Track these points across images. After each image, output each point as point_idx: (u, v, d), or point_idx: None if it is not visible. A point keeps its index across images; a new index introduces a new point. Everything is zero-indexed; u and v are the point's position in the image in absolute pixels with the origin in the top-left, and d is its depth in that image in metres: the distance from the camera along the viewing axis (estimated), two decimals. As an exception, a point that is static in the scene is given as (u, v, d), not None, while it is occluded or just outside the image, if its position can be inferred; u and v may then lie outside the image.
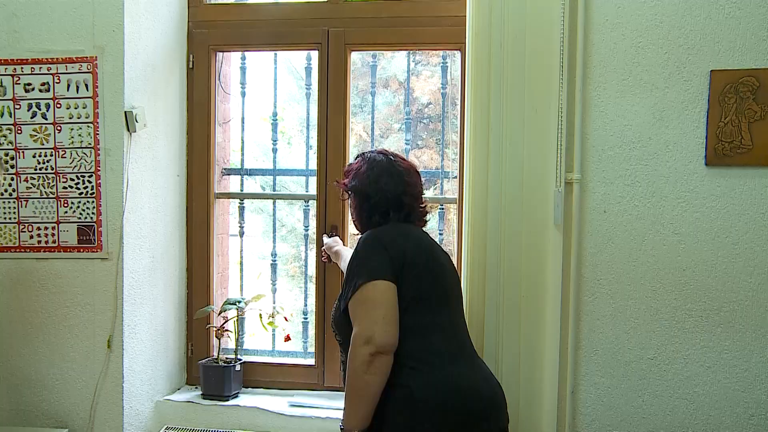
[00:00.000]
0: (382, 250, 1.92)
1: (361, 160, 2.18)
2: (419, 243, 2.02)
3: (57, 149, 2.54)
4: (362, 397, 1.85)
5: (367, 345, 1.80)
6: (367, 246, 1.97)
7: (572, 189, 2.38)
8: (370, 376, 1.82)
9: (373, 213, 2.10)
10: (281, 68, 3.04)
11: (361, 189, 2.12)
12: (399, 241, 1.96)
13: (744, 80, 2.28)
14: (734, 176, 2.32)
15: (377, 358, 1.81)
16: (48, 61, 2.51)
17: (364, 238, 2.01)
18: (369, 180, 2.11)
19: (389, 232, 2.01)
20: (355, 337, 1.84)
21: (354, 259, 1.96)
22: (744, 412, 2.35)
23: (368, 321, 1.83)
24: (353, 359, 1.83)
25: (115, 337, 2.53)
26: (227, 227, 3.08)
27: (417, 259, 1.95)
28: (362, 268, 1.91)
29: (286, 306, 2.91)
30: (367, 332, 1.81)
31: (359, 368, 1.82)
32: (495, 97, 2.38)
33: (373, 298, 1.86)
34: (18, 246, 2.57)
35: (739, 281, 2.33)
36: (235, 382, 2.77)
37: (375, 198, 2.09)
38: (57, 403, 2.58)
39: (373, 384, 1.83)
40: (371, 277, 1.87)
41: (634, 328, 2.39)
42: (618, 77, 2.37)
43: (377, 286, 1.86)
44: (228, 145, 3.08)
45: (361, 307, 1.87)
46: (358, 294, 1.88)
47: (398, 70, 4.08)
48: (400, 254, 1.92)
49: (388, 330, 1.83)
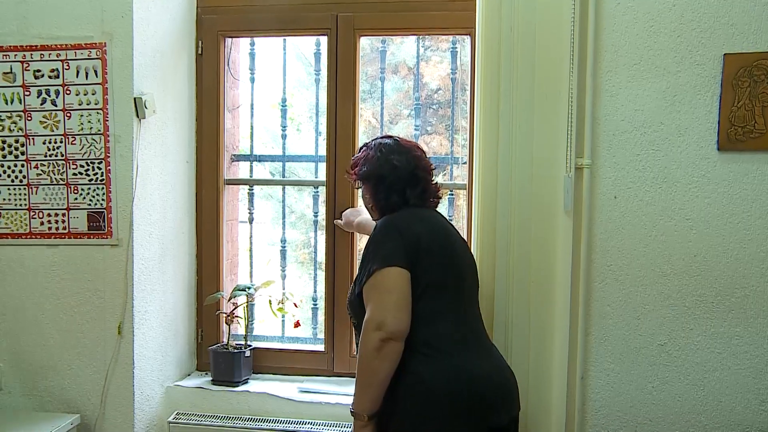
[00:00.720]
0: (397, 235, 1.93)
1: (367, 148, 2.18)
2: (435, 229, 2.02)
3: (67, 136, 2.54)
4: (371, 381, 1.86)
5: (378, 330, 1.81)
6: (383, 231, 1.97)
7: (582, 175, 2.36)
8: (379, 361, 1.83)
9: (390, 193, 2.09)
10: (290, 54, 3.03)
11: (374, 172, 2.11)
12: (415, 227, 1.96)
13: (758, 63, 2.25)
14: (747, 161, 2.29)
15: (387, 344, 1.81)
16: (57, 48, 2.51)
17: (380, 223, 2.01)
18: (380, 161, 2.11)
19: (405, 218, 2.01)
20: (366, 321, 1.85)
21: (370, 245, 1.97)
22: (755, 398, 2.33)
23: (380, 307, 1.84)
24: (364, 344, 1.84)
25: (125, 324, 2.54)
26: (237, 213, 3.08)
27: (432, 246, 1.95)
28: (377, 254, 1.91)
29: (295, 292, 2.91)
30: (378, 318, 1.82)
31: (369, 353, 1.83)
32: (505, 82, 2.36)
33: (385, 284, 1.87)
34: (29, 233, 2.58)
35: (751, 267, 2.31)
36: (245, 368, 2.78)
37: (390, 177, 2.08)
38: (68, 389, 2.60)
39: (382, 369, 1.84)
40: (385, 263, 1.87)
41: (644, 315, 2.38)
42: (629, 62, 2.35)
43: (390, 272, 1.87)
44: (237, 131, 3.08)
45: (373, 293, 1.88)
46: (372, 279, 1.88)
47: (407, 56, 4.05)
48: (415, 240, 1.92)
49: (400, 316, 1.84)
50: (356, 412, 1.92)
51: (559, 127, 2.33)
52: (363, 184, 2.17)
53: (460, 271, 2.03)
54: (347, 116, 2.77)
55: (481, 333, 2.05)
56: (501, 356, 2.06)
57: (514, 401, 1.99)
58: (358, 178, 2.17)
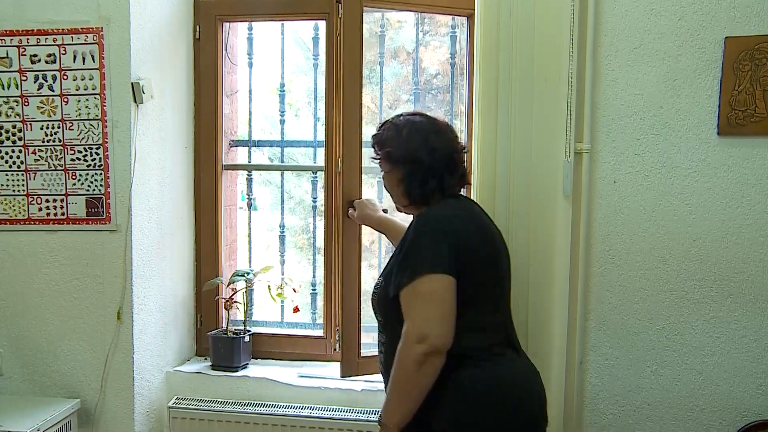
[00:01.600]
0: (442, 236, 1.77)
1: (395, 126, 1.99)
2: (480, 227, 1.88)
3: (64, 121, 2.53)
4: (409, 395, 1.73)
5: (421, 344, 1.67)
6: (426, 229, 1.80)
7: (582, 159, 2.36)
8: (420, 375, 1.70)
9: (427, 179, 1.91)
10: (288, 39, 3.01)
11: (409, 155, 1.92)
12: (460, 226, 1.82)
13: (760, 47, 2.23)
14: (747, 145, 2.29)
15: (430, 358, 1.68)
16: (53, 32, 2.50)
17: (422, 219, 1.83)
18: (416, 142, 1.92)
19: (448, 215, 1.85)
20: (407, 333, 1.71)
21: (411, 243, 1.79)
22: (752, 382, 2.34)
23: (424, 318, 1.70)
24: (404, 356, 1.71)
25: (124, 309, 2.54)
26: (235, 199, 3.08)
27: (478, 249, 1.82)
28: (420, 256, 1.75)
29: (294, 277, 2.91)
30: (421, 330, 1.68)
31: (410, 366, 1.69)
32: (504, 66, 2.35)
33: (431, 293, 1.71)
34: (27, 218, 2.58)
35: (750, 252, 2.31)
36: (245, 353, 2.78)
37: (428, 161, 1.91)
38: (68, 374, 2.60)
39: (422, 384, 1.71)
40: (431, 269, 1.72)
41: (643, 299, 2.39)
42: (629, 45, 2.34)
43: (437, 280, 1.72)
44: (235, 116, 3.07)
45: (417, 301, 1.72)
46: (416, 285, 1.72)
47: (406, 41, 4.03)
48: (462, 242, 1.77)
49: (445, 330, 1.70)
50: (386, 423, 1.79)
51: (558, 111, 2.32)
52: (392, 168, 1.97)
53: (503, 272, 1.92)
54: (353, 95, 2.52)
55: (515, 337, 1.95)
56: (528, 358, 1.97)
57: (545, 406, 1.91)
58: (387, 161, 1.98)
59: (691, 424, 2.39)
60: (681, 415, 2.39)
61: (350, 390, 2.59)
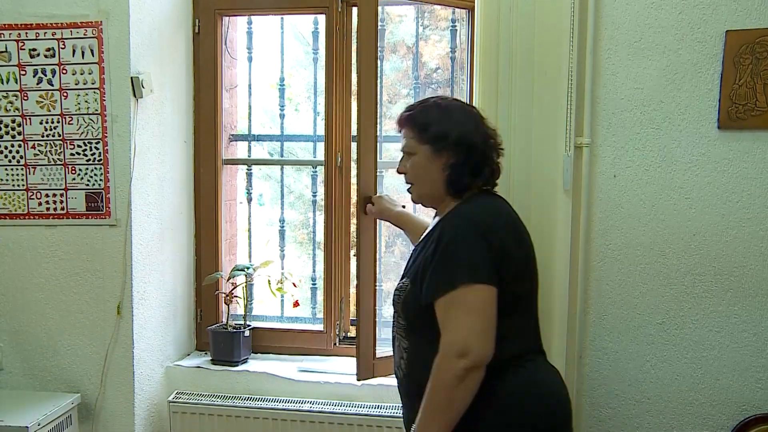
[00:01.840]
0: (482, 240, 1.64)
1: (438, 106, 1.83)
2: (515, 230, 1.77)
3: (64, 116, 2.52)
4: (448, 412, 1.62)
5: (462, 358, 1.57)
6: (465, 232, 1.67)
7: (582, 153, 2.35)
8: (460, 391, 1.60)
9: (481, 168, 1.79)
10: (288, 34, 3.01)
11: (465, 138, 1.76)
12: (499, 229, 1.69)
13: (761, 40, 2.22)
14: (747, 139, 2.28)
15: (471, 374, 1.59)
16: (52, 26, 2.49)
17: (459, 220, 1.71)
18: (471, 126, 1.78)
19: (486, 215, 1.72)
20: (447, 346, 1.61)
21: (448, 246, 1.66)
22: (752, 377, 2.34)
23: (465, 331, 1.59)
24: (443, 371, 1.60)
25: (124, 304, 2.54)
26: (235, 194, 3.08)
27: (515, 254, 1.70)
28: (460, 263, 1.64)
29: (294, 272, 2.91)
30: (463, 344, 1.58)
31: (450, 382, 1.59)
32: (504, 60, 2.34)
33: (473, 304, 1.61)
34: (27, 213, 2.58)
35: (750, 246, 2.31)
36: (245, 348, 2.79)
37: (483, 147, 1.78)
38: (69, 369, 2.61)
39: (462, 399, 1.61)
40: (474, 279, 1.61)
41: (642, 293, 2.38)
42: (629, 39, 2.33)
43: (480, 290, 1.61)
44: (235, 111, 3.06)
45: (457, 312, 1.61)
46: (455, 296, 1.61)
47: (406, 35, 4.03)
48: (501, 248, 1.66)
49: (487, 343, 1.60)
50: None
51: (558, 105, 2.31)
52: (436, 152, 1.79)
53: (535, 278, 1.82)
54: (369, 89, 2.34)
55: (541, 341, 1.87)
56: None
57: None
58: (432, 143, 1.78)
59: (690, 418, 2.39)
60: (680, 409, 2.39)
61: (350, 384, 2.59)
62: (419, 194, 1.88)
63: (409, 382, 1.81)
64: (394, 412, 2.47)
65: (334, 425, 2.50)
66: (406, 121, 1.85)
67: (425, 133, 1.79)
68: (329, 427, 2.50)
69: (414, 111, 1.85)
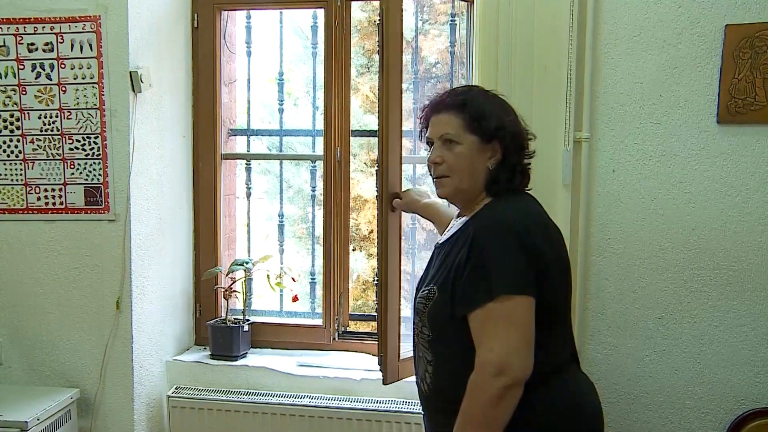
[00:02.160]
0: (519, 247, 1.53)
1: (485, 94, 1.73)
2: (551, 234, 1.66)
3: (62, 110, 2.52)
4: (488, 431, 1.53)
5: (502, 376, 1.47)
6: (501, 238, 1.55)
7: (581, 148, 2.35)
8: (500, 411, 1.50)
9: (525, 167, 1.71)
10: (287, 28, 3.00)
11: (519, 135, 1.68)
12: (536, 235, 1.58)
13: (761, 34, 2.22)
14: (746, 134, 2.28)
15: (511, 391, 1.49)
16: (51, 21, 2.48)
17: (494, 224, 1.59)
18: (520, 122, 1.70)
19: (522, 219, 1.60)
20: (485, 365, 1.50)
21: (483, 253, 1.55)
22: (750, 371, 2.35)
23: (505, 347, 1.49)
24: (481, 390, 1.50)
25: (123, 299, 2.54)
26: (234, 188, 3.08)
27: (552, 260, 1.60)
28: (499, 272, 1.52)
29: (293, 267, 2.91)
30: (503, 361, 1.48)
31: (489, 402, 1.49)
32: (503, 54, 2.34)
33: (513, 317, 1.50)
34: (26, 208, 2.57)
35: (749, 240, 2.31)
36: (244, 343, 2.79)
37: (525, 144, 1.70)
38: (68, 363, 2.61)
39: (502, 418, 1.50)
40: (513, 289, 1.51)
41: (642, 288, 2.39)
42: (629, 34, 2.33)
43: (519, 303, 1.51)
44: (234, 105, 3.06)
45: (495, 326, 1.51)
46: (493, 308, 1.51)
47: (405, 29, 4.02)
48: (539, 254, 1.55)
49: (527, 359, 1.51)
50: None
51: (557, 100, 2.31)
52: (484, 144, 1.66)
53: (570, 282, 1.72)
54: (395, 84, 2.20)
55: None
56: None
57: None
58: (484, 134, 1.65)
59: (689, 413, 2.40)
60: (679, 403, 2.40)
61: (349, 379, 2.60)
62: (455, 188, 1.70)
63: (435, 397, 1.70)
64: (394, 407, 2.47)
65: (333, 420, 2.51)
66: (452, 106, 1.69)
67: (479, 122, 1.65)
68: (328, 421, 2.51)
69: (463, 96, 1.70)
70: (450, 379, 1.63)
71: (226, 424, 2.58)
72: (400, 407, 2.47)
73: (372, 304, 4.63)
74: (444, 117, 1.70)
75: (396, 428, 2.45)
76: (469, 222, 1.68)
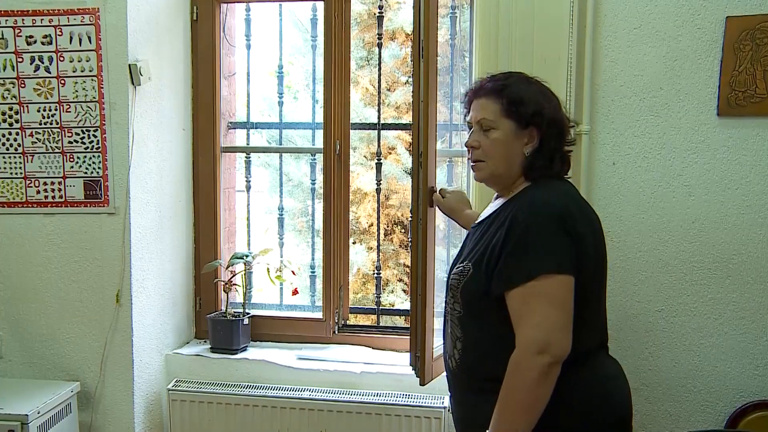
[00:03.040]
0: (560, 228, 1.55)
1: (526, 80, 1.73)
2: (589, 218, 1.67)
3: (61, 103, 2.51)
4: (532, 411, 1.52)
5: (544, 354, 1.49)
6: (542, 219, 1.57)
7: (581, 141, 2.35)
8: (544, 388, 1.51)
9: (564, 154, 1.71)
10: (286, 20, 3.00)
11: (558, 119, 1.68)
12: (575, 217, 1.59)
13: (762, 26, 2.22)
14: (747, 126, 2.28)
15: (553, 369, 1.51)
16: (49, 13, 2.48)
17: (536, 206, 1.60)
18: (559, 108, 1.70)
19: (563, 202, 1.62)
20: (527, 342, 1.52)
21: (526, 233, 1.56)
22: (750, 363, 2.35)
23: (547, 324, 1.51)
24: (524, 369, 1.51)
25: (123, 292, 2.54)
26: (234, 182, 3.08)
27: (590, 242, 1.61)
28: (539, 252, 1.54)
29: (293, 260, 2.91)
30: (545, 338, 1.50)
31: (533, 381, 1.50)
32: (503, 47, 2.34)
33: (556, 295, 1.52)
34: (25, 201, 2.57)
35: (749, 233, 2.31)
36: (244, 336, 2.79)
37: (565, 131, 1.70)
38: (68, 357, 2.61)
39: (545, 396, 1.52)
40: (555, 268, 1.52)
41: (641, 281, 2.39)
42: (629, 26, 2.32)
43: (560, 281, 1.52)
44: (233, 98, 3.05)
45: (537, 304, 1.52)
46: (535, 286, 1.52)
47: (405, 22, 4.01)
48: (579, 235, 1.57)
49: (568, 337, 1.52)
50: None
51: (557, 92, 2.27)
52: (521, 130, 1.67)
53: (606, 270, 1.73)
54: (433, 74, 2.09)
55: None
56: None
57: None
58: (519, 120, 1.67)
59: (688, 405, 2.40)
60: (679, 396, 2.40)
61: (349, 372, 2.60)
62: (491, 173, 1.73)
63: (461, 374, 1.71)
64: (393, 400, 2.47)
65: (333, 413, 2.51)
66: (492, 91, 1.71)
67: (516, 107, 1.67)
68: (328, 414, 2.51)
69: (503, 81, 1.71)
70: (478, 356, 1.65)
71: (225, 418, 2.59)
72: (399, 400, 2.47)
73: (372, 297, 4.64)
74: (483, 102, 1.72)
75: (396, 421, 2.46)
76: (507, 204, 1.69)
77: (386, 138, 5.23)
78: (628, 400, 1.71)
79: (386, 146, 5.28)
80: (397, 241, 5.55)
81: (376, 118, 2.91)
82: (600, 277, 1.69)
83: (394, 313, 3.77)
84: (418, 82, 2.04)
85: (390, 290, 5.37)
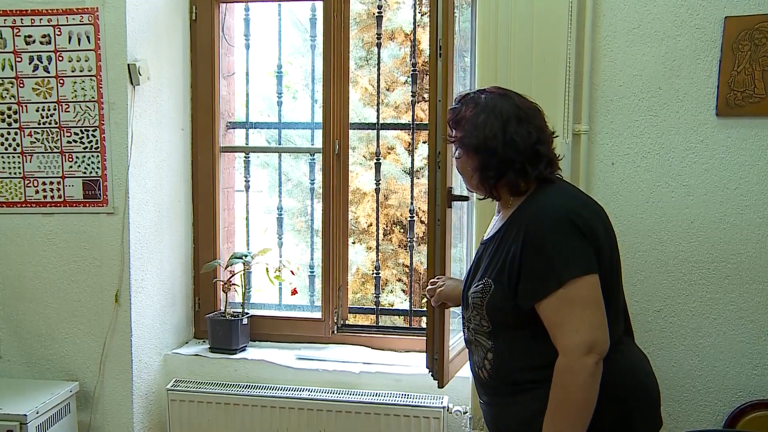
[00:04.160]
0: (575, 230, 1.58)
1: (475, 105, 1.74)
2: (598, 213, 1.69)
3: (60, 103, 2.51)
4: (586, 411, 1.55)
5: (591, 354, 1.52)
6: (554, 225, 1.60)
7: (580, 141, 2.35)
8: (595, 387, 1.54)
9: (504, 171, 1.69)
10: (285, 20, 3.00)
11: (483, 144, 1.69)
12: (584, 214, 1.62)
13: (760, 26, 2.22)
14: (745, 126, 2.28)
15: (599, 366, 1.54)
16: (48, 13, 2.47)
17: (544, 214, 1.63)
18: (494, 131, 1.68)
19: (571, 205, 1.64)
20: (573, 346, 1.53)
21: (540, 244, 1.59)
22: (748, 363, 2.35)
23: (587, 326, 1.54)
24: (577, 372, 1.53)
25: (122, 292, 2.54)
26: (233, 181, 3.08)
27: (604, 237, 1.64)
28: (560, 258, 1.56)
29: (292, 260, 2.91)
30: (590, 339, 1.53)
31: (586, 382, 1.53)
32: (502, 46, 2.34)
33: (587, 297, 1.55)
34: (24, 201, 2.57)
35: (748, 233, 2.31)
36: (243, 336, 2.79)
37: (505, 153, 1.67)
38: (67, 357, 2.61)
39: (596, 394, 1.55)
40: (579, 271, 1.55)
41: (640, 281, 2.39)
42: (628, 26, 2.32)
43: (588, 281, 1.55)
44: (233, 98, 3.05)
45: (572, 309, 1.55)
46: (567, 293, 1.55)
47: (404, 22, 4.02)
48: (594, 237, 1.60)
49: (606, 331, 1.56)
50: None
51: (556, 92, 2.31)
52: (464, 155, 1.75)
53: (620, 258, 1.74)
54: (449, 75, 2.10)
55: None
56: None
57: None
58: (460, 146, 1.75)
59: (687, 405, 2.40)
60: (677, 396, 2.40)
61: (348, 372, 2.60)
62: (468, 187, 1.83)
63: (498, 383, 1.72)
64: (392, 400, 2.47)
65: (332, 413, 2.51)
66: (448, 116, 1.81)
67: (455, 135, 1.77)
68: (327, 414, 2.51)
69: (456, 105, 1.79)
70: (511, 363, 1.67)
71: (225, 418, 2.59)
72: (398, 400, 2.48)
73: (371, 297, 4.64)
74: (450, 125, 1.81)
75: (395, 421, 2.46)
76: (511, 219, 1.71)
77: (385, 138, 5.24)
78: (657, 386, 1.74)
79: (385, 146, 5.29)
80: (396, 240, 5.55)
81: (375, 117, 2.91)
82: (616, 263, 1.72)
83: (394, 313, 3.78)
84: (436, 81, 2.05)
85: (389, 290, 5.37)
